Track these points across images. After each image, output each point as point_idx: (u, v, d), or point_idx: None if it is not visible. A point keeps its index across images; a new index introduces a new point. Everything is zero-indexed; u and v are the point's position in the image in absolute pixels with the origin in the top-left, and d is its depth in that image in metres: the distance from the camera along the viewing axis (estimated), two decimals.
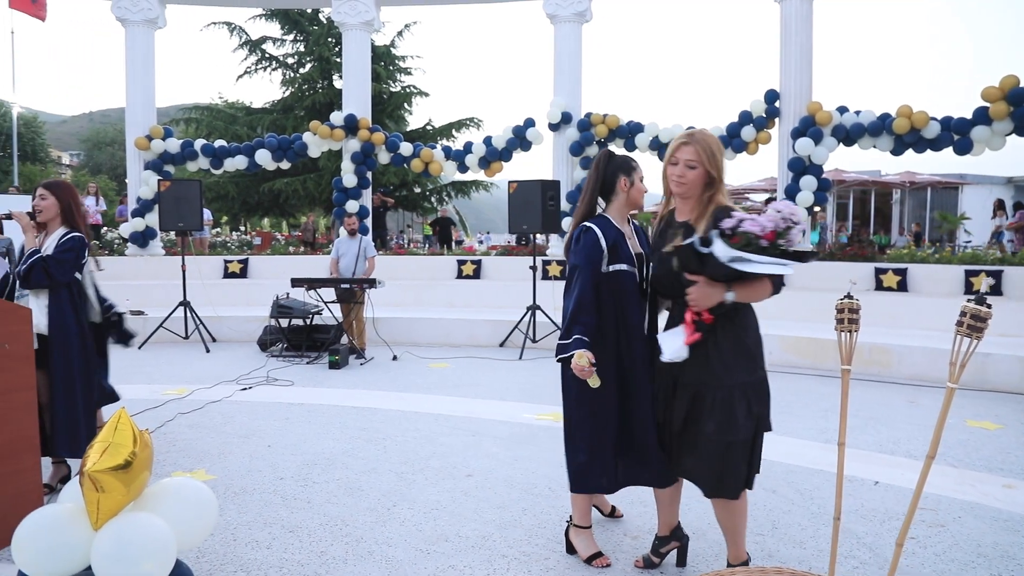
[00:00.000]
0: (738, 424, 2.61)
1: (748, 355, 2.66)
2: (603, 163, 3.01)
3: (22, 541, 2.42)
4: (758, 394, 2.68)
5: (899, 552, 2.10)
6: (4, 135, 35.06)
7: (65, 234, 3.86)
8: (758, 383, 2.69)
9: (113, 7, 13.02)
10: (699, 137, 2.68)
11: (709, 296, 2.56)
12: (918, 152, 10.87)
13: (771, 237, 2.38)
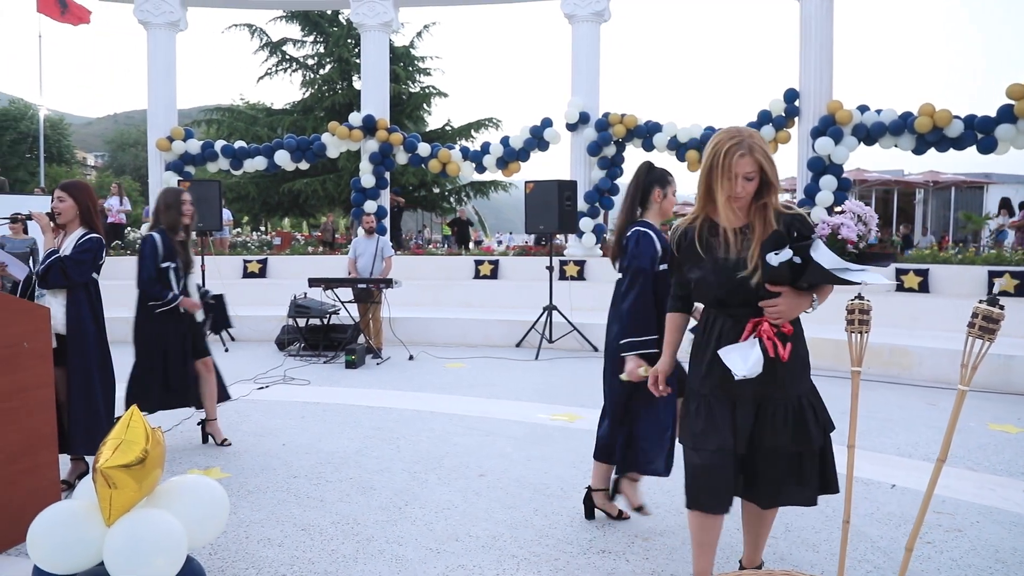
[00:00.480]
0: (811, 433, 2.47)
1: (806, 363, 2.53)
2: (643, 174, 3.33)
3: (37, 536, 2.46)
4: (819, 399, 2.56)
5: (908, 557, 2.07)
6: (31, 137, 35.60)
7: (83, 235, 3.91)
8: (815, 389, 2.58)
9: (136, 10, 13.19)
10: (753, 143, 2.37)
11: (797, 307, 2.36)
12: (940, 151, 10.75)
13: (853, 244, 2.28)
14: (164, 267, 4.60)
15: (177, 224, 4.72)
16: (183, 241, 4.78)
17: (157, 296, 4.60)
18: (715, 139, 2.41)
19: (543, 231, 9.15)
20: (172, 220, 4.71)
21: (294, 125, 23.42)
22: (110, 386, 4.03)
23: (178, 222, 4.72)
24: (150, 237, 4.65)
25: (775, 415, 2.45)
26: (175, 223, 4.72)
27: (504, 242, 27.96)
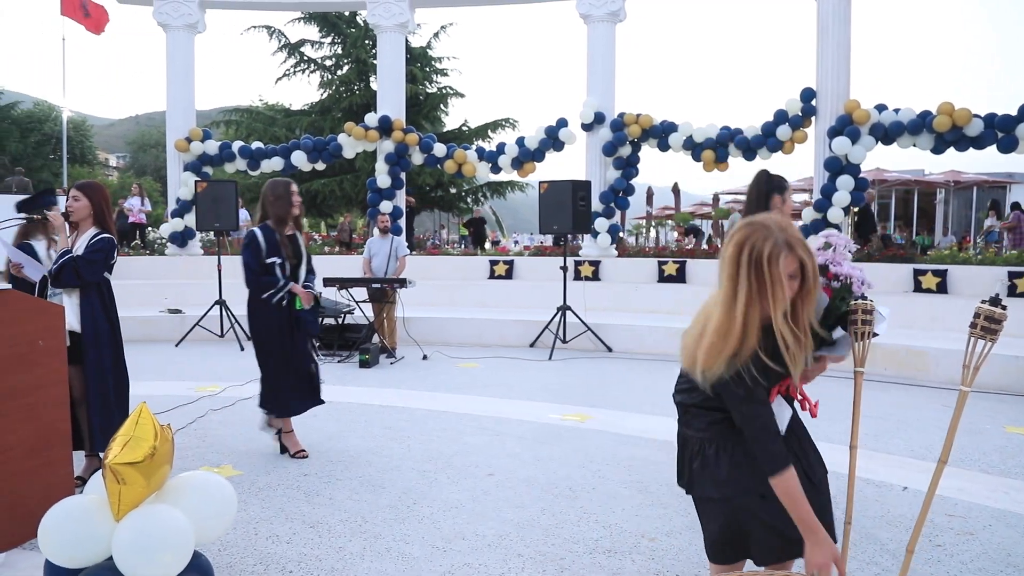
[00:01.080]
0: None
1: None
2: (763, 182, 3.55)
3: (48, 531, 2.50)
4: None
5: (909, 558, 2.06)
6: (55, 139, 36.08)
7: (96, 235, 3.96)
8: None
9: (155, 12, 13.34)
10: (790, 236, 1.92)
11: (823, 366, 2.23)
12: (960, 151, 10.62)
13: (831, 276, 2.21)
14: (269, 262, 4.46)
15: (286, 217, 4.54)
16: (292, 235, 4.60)
17: (266, 286, 4.46)
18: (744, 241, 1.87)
19: (557, 231, 9.15)
20: (280, 212, 4.52)
21: (312, 126, 23.57)
22: (123, 383, 4.09)
23: (287, 215, 4.54)
24: (251, 234, 4.49)
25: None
26: (283, 216, 4.53)
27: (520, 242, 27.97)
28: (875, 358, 7.64)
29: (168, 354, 8.56)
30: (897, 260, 11.01)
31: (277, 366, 4.59)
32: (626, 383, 7.16)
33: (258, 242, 4.47)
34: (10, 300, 3.19)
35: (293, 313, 4.56)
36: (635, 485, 4.11)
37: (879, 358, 7.63)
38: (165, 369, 7.58)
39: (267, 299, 4.48)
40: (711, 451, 2.00)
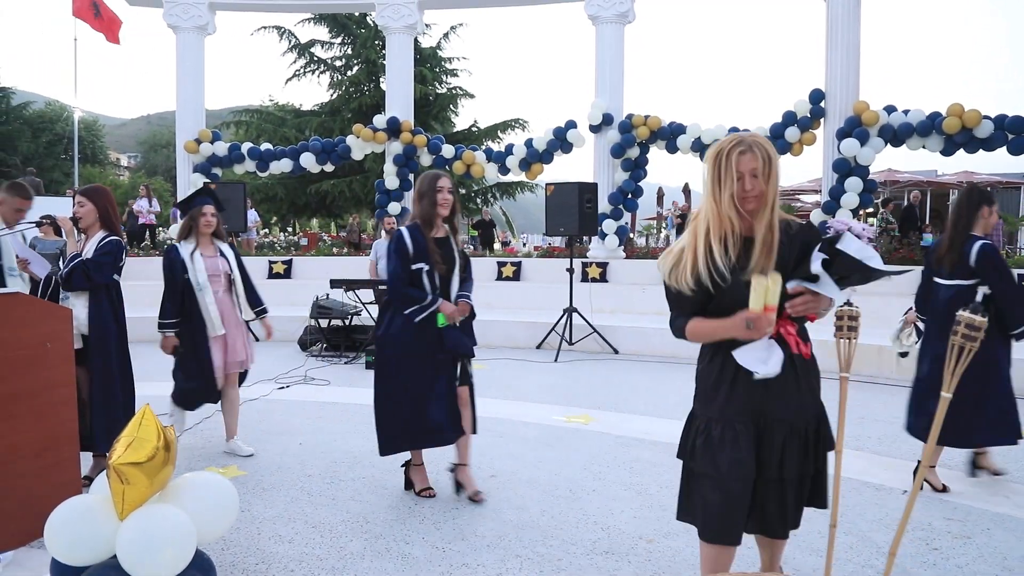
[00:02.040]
0: (823, 454, 2.40)
1: (820, 379, 2.41)
2: (975, 193, 4.12)
3: (53, 530, 2.55)
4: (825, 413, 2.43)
5: (891, 561, 2.08)
6: (66, 139, 36.38)
7: (104, 238, 4.03)
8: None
9: (165, 14, 13.46)
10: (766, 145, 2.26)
11: (818, 304, 2.20)
12: (969, 152, 10.59)
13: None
14: (415, 269, 3.81)
15: (431, 217, 3.89)
16: (443, 238, 3.96)
17: (409, 299, 3.81)
18: (714, 147, 2.24)
19: (563, 233, 9.18)
20: (425, 212, 3.88)
21: (322, 126, 23.68)
22: (130, 385, 4.15)
23: (432, 215, 3.88)
24: (398, 235, 3.88)
25: (793, 440, 2.30)
26: (429, 216, 3.88)
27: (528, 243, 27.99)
28: (882, 361, 7.63)
29: None
30: (907, 262, 10.96)
31: (394, 393, 3.92)
32: (631, 385, 7.18)
33: (405, 245, 3.84)
34: (19, 303, 3.25)
35: (435, 330, 3.85)
36: (635, 487, 4.14)
37: (886, 361, 7.61)
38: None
39: (410, 315, 3.82)
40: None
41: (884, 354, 7.64)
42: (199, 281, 4.54)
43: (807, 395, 2.30)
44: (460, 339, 3.94)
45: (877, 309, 9.14)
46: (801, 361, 2.28)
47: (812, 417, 2.33)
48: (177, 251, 4.59)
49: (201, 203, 4.68)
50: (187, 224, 4.67)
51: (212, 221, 4.69)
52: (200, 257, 4.62)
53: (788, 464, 2.27)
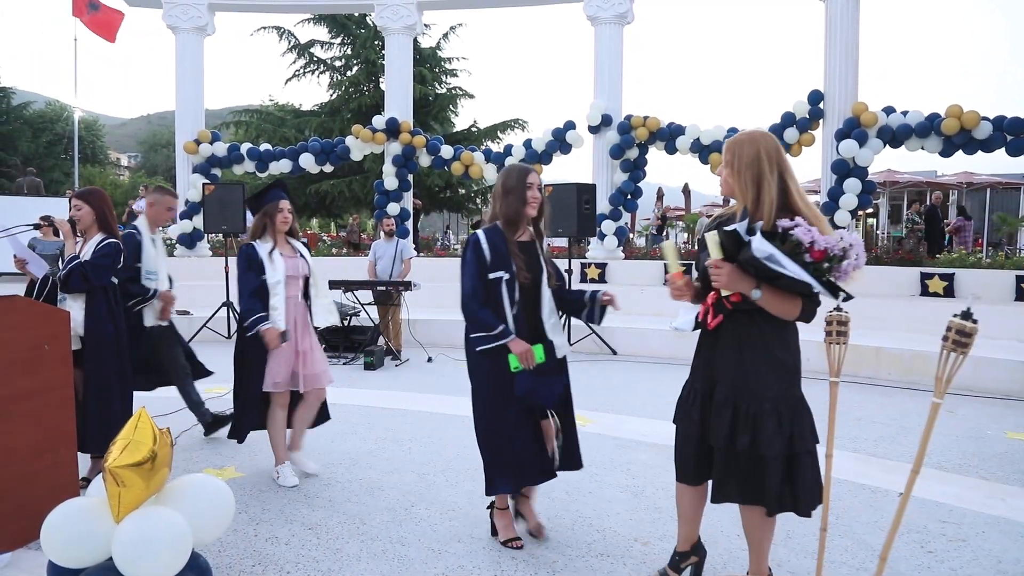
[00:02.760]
0: (765, 438, 2.51)
1: (785, 371, 2.57)
2: None
3: (50, 532, 2.56)
4: (791, 411, 2.56)
5: (882, 566, 2.09)
6: (66, 139, 36.39)
7: (102, 240, 4.03)
8: (793, 400, 2.58)
9: (164, 15, 13.46)
10: (733, 138, 2.63)
11: (735, 282, 2.46)
12: (968, 154, 10.59)
13: (818, 256, 2.29)
14: (493, 278, 3.23)
15: (518, 217, 3.30)
16: (528, 242, 3.35)
17: (477, 322, 3.24)
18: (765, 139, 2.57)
19: (561, 234, 9.19)
20: (512, 211, 3.28)
21: (321, 126, 23.67)
22: (127, 387, 4.15)
23: (520, 213, 3.29)
24: (473, 240, 3.30)
25: (737, 414, 2.57)
26: (515, 215, 3.29)
27: None
28: (880, 362, 7.64)
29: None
30: (906, 263, 10.98)
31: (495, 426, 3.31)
32: (629, 386, 7.19)
33: (482, 251, 3.25)
34: (17, 305, 3.26)
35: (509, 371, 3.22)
36: (631, 489, 4.15)
37: (884, 362, 7.64)
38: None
39: (475, 341, 3.28)
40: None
41: (882, 355, 7.66)
42: (275, 283, 4.16)
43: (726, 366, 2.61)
44: (536, 387, 3.17)
45: (876, 311, 9.18)
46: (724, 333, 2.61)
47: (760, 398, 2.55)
48: (255, 249, 4.16)
49: (276, 197, 4.28)
50: (260, 222, 4.25)
51: (289, 217, 4.32)
52: (280, 256, 4.22)
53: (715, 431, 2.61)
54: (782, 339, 2.57)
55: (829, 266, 2.32)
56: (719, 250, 2.47)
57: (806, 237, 2.26)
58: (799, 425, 2.54)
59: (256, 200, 4.33)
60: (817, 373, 7.64)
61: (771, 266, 2.31)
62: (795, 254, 2.31)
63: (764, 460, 2.53)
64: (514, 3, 14.16)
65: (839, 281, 2.36)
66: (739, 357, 2.58)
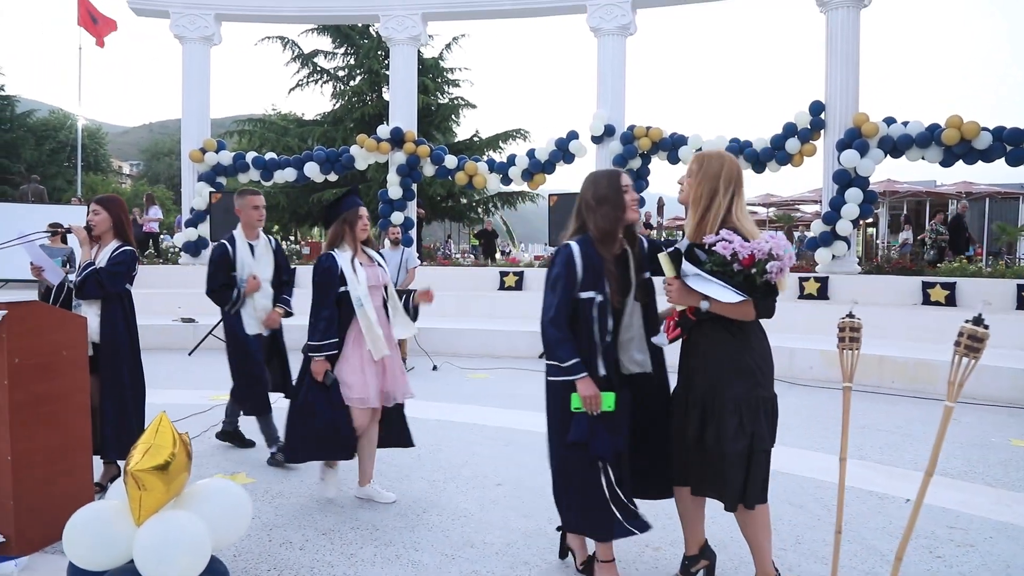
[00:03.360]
0: (727, 436, 2.68)
1: (747, 372, 2.72)
2: None
3: (72, 535, 2.60)
4: (752, 411, 2.70)
5: (898, 566, 2.12)
6: (69, 146, 36.52)
7: (117, 247, 4.08)
8: (756, 400, 2.71)
9: (172, 25, 13.56)
10: (702, 152, 2.89)
11: (684, 296, 2.73)
12: (968, 163, 10.65)
13: (747, 263, 2.50)
14: (584, 298, 2.85)
15: (616, 228, 2.89)
16: (620, 255, 2.93)
17: (551, 348, 2.87)
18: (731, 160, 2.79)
19: None
20: (607, 223, 2.87)
21: (324, 136, 23.78)
22: (140, 392, 4.19)
23: (619, 222, 2.89)
24: (566, 251, 2.89)
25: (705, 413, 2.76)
26: (612, 227, 2.88)
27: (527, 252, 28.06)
28: (883, 371, 7.67)
29: (182, 363, 8.68)
30: (907, 273, 11.03)
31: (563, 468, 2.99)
32: None
33: (574, 266, 2.85)
34: (35, 311, 3.30)
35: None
36: None
37: (887, 371, 7.66)
38: (179, 377, 7.70)
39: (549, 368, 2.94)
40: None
41: (886, 364, 7.69)
42: (359, 295, 3.88)
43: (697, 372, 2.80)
44: (593, 435, 2.81)
45: (877, 320, 9.21)
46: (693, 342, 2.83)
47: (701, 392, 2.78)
48: (334, 259, 3.90)
49: (353, 204, 4.03)
50: (339, 230, 3.99)
51: (368, 224, 4.10)
52: (360, 267, 3.98)
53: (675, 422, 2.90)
54: (744, 343, 2.74)
55: (758, 271, 2.54)
56: (671, 268, 2.71)
57: (727, 251, 2.48)
58: (762, 426, 2.72)
59: (332, 208, 4.05)
60: (820, 381, 7.73)
61: (688, 282, 2.63)
62: (725, 265, 2.54)
63: (726, 456, 2.69)
64: (517, 14, 14.25)
65: (774, 279, 2.57)
66: (706, 362, 2.77)
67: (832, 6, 11.48)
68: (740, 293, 2.52)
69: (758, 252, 2.47)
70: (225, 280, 4.75)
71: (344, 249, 3.97)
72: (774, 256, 2.49)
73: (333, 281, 3.86)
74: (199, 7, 13.59)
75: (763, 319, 2.72)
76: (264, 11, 14.12)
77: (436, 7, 13.69)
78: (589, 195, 2.96)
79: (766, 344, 2.80)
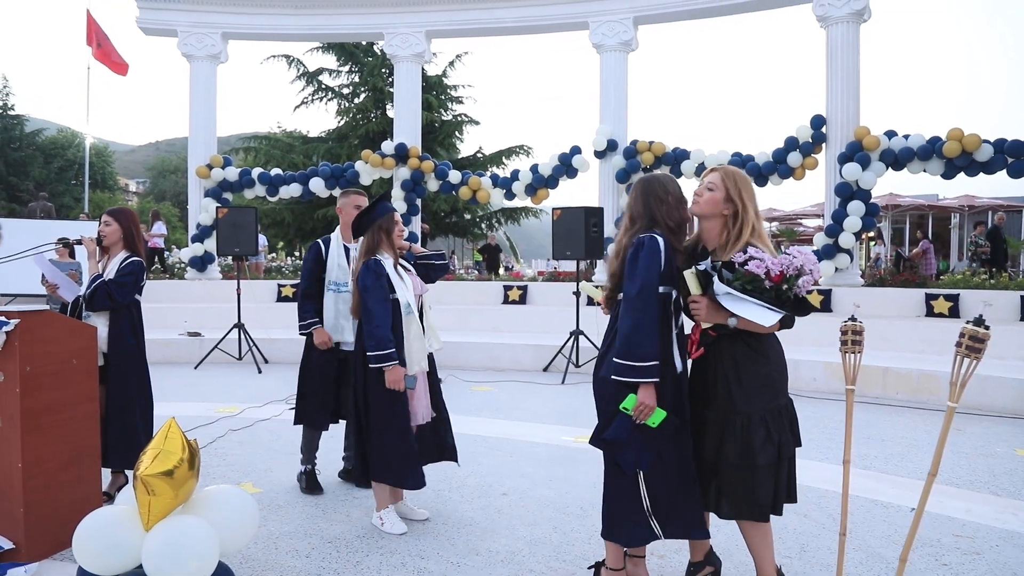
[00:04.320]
0: (755, 450, 2.68)
1: (768, 384, 2.74)
2: None
3: (81, 540, 2.63)
4: (778, 421, 2.73)
5: (902, 567, 2.13)
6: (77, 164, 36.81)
7: (126, 259, 4.12)
8: (778, 410, 2.74)
9: (179, 44, 13.72)
10: (726, 167, 2.86)
11: (712, 314, 2.70)
12: (970, 176, 10.69)
13: (777, 279, 2.51)
14: (663, 292, 2.76)
15: (685, 218, 2.92)
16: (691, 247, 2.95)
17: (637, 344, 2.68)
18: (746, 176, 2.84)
19: (569, 257, 9.28)
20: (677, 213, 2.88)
21: (329, 153, 23.92)
22: (148, 403, 4.22)
23: (685, 213, 2.92)
24: (650, 241, 2.77)
25: (727, 429, 2.74)
26: (681, 218, 2.90)
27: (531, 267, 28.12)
28: (887, 382, 7.67)
29: (188, 376, 8.72)
30: (910, 285, 11.04)
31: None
32: None
33: (660, 257, 2.75)
34: (48, 320, 3.34)
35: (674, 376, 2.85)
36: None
37: (891, 382, 7.67)
38: (186, 390, 7.73)
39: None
40: None
41: (890, 375, 7.69)
42: (409, 302, 3.73)
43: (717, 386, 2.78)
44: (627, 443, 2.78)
45: (883, 331, 9.22)
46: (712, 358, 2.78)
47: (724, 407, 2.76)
48: (383, 265, 3.70)
49: (387, 210, 3.83)
50: (376, 237, 3.78)
51: (404, 230, 3.94)
52: (405, 274, 3.85)
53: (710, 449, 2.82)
54: (763, 355, 2.74)
55: (788, 287, 2.54)
56: (698, 286, 2.67)
57: (759, 269, 2.49)
58: (787, 433, 2.74)
59: (365, 215, 3.83)
60: (824, 393, 7.73)
61: (724, 303, 2.59)
62: (756, 282, 2.53)
63: (756, 469, 2.69)
64: (520, 31, 14.38)
65: (803, 293, 2.58)
66: (726, 377, 2.75)
67: (832, 21, 11.58)
68: (775, 310, 2.52)
69: (788, 268, 2.49)
70: (310, 285, 4.41)
71: (385, 256, 3.78)
72: (804, 271, 2.50)
73: (386, 285, 3.67)
74: (206, 26, 13.76)
75: (786, 328, 2.72)
76: (270, 29, 14.28)
77: (439, 24, 13.84)
78: (656, 189, 2.89)
79: (781, 352, 2.81)
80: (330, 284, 4.41)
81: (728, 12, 12.93)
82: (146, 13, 13.81)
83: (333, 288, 4.40)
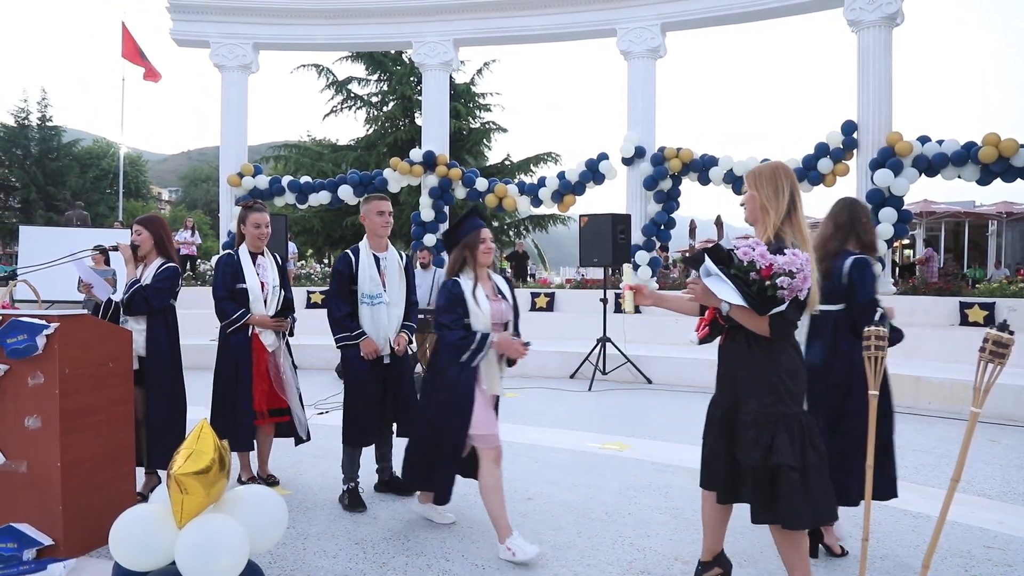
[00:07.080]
0: (744, 447, 2.70)
1: (769, 387, 2.70)
2: None
3: (117, 537, 2.70)
4: (771, 425, 2.67)
5: (924, 573, 2.12)
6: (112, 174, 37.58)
7: (162, 264, 4.23)
8: (775, 415, 2.67)
9: (211, 55, 13.99)
10: (750, 170, 2.91)
11: (706, 296, 2.76)
12: (1007, 182, 10.51)
13: (766, 273, 2.51)
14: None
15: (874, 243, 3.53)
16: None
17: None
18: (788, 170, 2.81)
19: (597, 264, 9.29)
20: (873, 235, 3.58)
21: (358, 161, 24.16)
22: (181, 406, 4.32)
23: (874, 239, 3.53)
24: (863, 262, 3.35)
25: (743, 426, 2.75)
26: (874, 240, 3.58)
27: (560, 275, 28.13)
28: (920, 392, 7.57)
29: None
30: (945, 293, 10.86)
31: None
32: (665, 414, 7.21)
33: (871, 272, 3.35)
34: (86, 324, 3.44)
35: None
36: (670, 511, 4.18)
37: (924, 392, 7.56)
38: None
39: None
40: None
41: (921, 384, 7.59)
42: (481, 328, 3.61)
43: (724, 381, 2.88)
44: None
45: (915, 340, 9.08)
46: (723, 350, 2.87)
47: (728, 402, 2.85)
48: (461, 287, 3.60)
49: (476, 226, 3.70)
50: (460, 255, 3.69)
51: (492, 248, 3.75)
52: (485, 299, 3.66)
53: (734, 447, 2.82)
54: (771, 359, 2.72)
55: (772, 283, 2.52)
56: (630, 276, 2.94)
57: (747, 256, 2.53)
58: (780, 440, 2.67)
59: (453, 232, 3.77)
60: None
61: (702, 277, 2.68)
62: (746, 272, 2.56)
63: (745, 468, 2.72)
64: (547, 39, 14.46)
65: (785, 295, 2.53)
66: (732, 374, 2.84)
67: (864, 25, 11.47)
68: (743, 296, 2.53)
69: (781, 266, 2.48)
70: (338, 298, 4.33)
71: (467, 275, 3.66)
72: (789, 273, 2.48)
73: (460, 310, 3.58)
74: (238, 37, 14.01)
75: (777, 338, 2.66)
76: (300, 39, 14.50)
77: (467, 33, 13.95)
78: (858, 212, 3.52)
79: (797, 362, 2.74)
80: (363, 297, 4.29)
81: (757, 18, 12.87)
82: (179, 24, 14.11)
83: (367, 301, 4.30)
